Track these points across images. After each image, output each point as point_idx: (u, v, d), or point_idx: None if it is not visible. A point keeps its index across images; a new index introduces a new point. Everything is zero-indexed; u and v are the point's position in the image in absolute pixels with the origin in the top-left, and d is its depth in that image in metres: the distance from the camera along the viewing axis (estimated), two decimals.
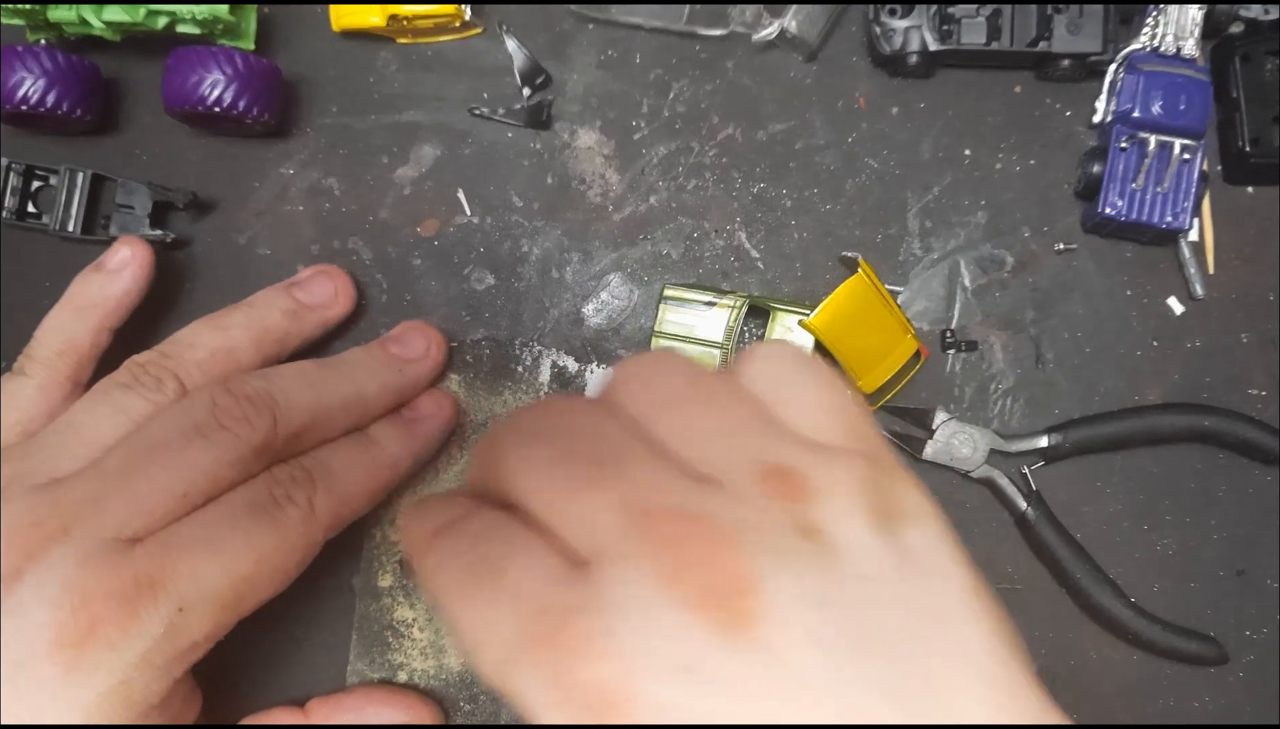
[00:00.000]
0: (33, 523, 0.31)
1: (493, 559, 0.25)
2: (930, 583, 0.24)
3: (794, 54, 0.45)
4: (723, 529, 0.23)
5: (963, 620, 0.23)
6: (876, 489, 0.24)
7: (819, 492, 0.24)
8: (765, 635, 0.22)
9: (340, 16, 0.43)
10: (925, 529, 0.24)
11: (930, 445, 0.43)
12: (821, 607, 0.22)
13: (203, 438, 0.33)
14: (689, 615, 0.22)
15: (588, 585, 0.23)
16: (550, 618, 0.23)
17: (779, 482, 0.24)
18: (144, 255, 0.39)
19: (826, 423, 0.26)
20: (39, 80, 0.40)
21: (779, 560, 0.22)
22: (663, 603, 0.22)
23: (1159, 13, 0.43)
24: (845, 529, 0.23)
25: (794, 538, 0.23)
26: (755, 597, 0.22)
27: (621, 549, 0.23)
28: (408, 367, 0.41)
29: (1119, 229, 0.44)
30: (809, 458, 0.25)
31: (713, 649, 0.22)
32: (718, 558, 0.22)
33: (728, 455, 0.25)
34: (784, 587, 0.22)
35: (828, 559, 0.23)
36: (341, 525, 0.37)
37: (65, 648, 0.30)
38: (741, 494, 0.24)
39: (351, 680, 0.42)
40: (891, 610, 0.23)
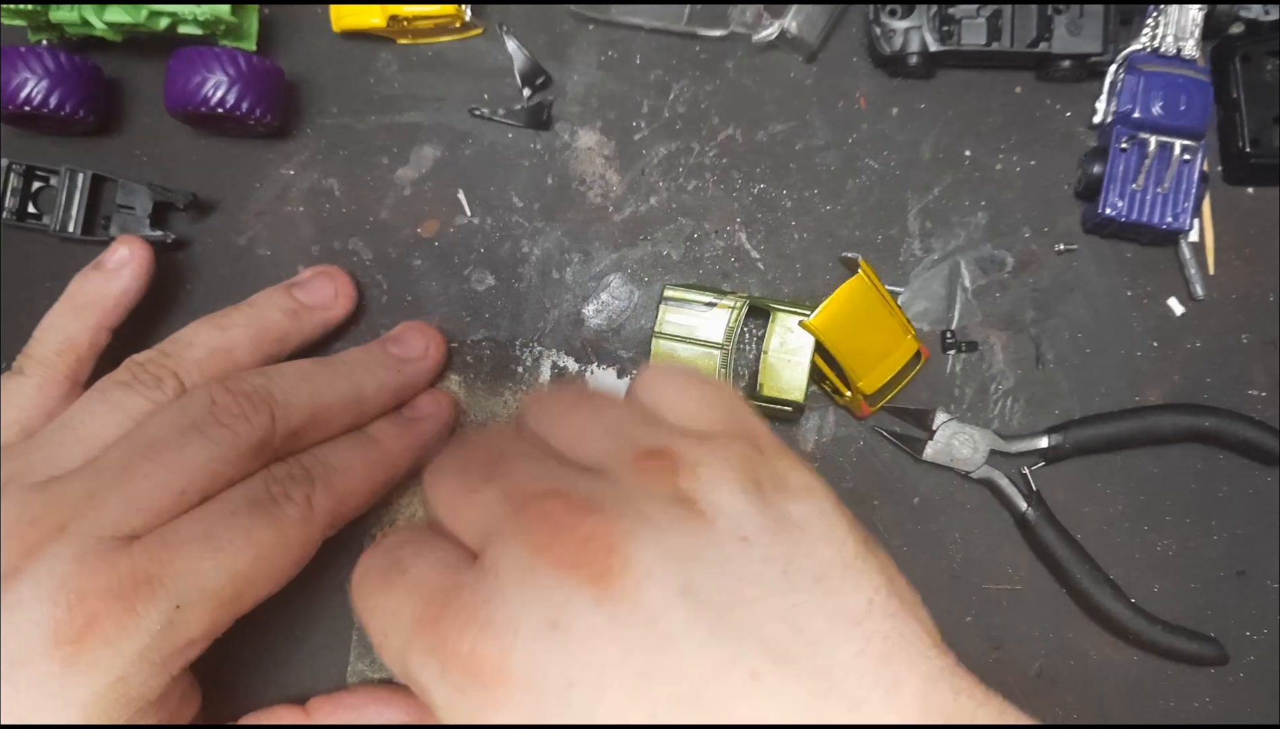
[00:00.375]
0: (31, 521, 0.31)
1: (400, 561, 0.27)
2: (809, 546, 0.24)
3: (794, 54, 0.45)
4: (592, 500, 0.24)
5: (842, 580, 0.24)
6: (753, 466, 0.26)
7: (694, 466, 0.25)
8: (630, 590, 0.23)
9: (341, 17, 0.43)
10: (808, 502, 0.26)
11: (930, 446, 0.43)
12: (689, 562, 0.23)
13: (201, 435, 0.33)
14: (556, 575, 0.23)
15: (476, 569, 0.25)
16: (440, 599, 0.25)
17: (652, 460, 0.25)
18: (143, 255, 0.39)
19: (706, 414, 0.28)
20: (41, 81, 0.40)
21: (646, 523, 0.24)
22: (533, 569, 0.24)
23: (1159, 13, 0.43)
24: (720, 496, 0.25)
25: (666, 505, 0.24)
26: (619, 554, 0.23)
27: (502, 529, 0.25)
28: (406, 366, 0.41)
29: (1119, 229, 0.44)
30: (684, 441, 0.26)
31: (579, 605, 0.23)
32: (584, 522, 0.24)
33: (607, 447, 0.27)
34: (649, 545, 0.23)
35: (699, 522, 0.24)
36: (340, 524, 0.37)
37: (63, 645, 0.30)
38: (616, 474, 0.25)
39: (352, 680, 0.42)
40: (766, 568, 0.24)
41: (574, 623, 0.23)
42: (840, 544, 0.25)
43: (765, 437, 0.28)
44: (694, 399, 0.28)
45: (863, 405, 0.43)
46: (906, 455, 0.44)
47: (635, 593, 0.23)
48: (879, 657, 0.23)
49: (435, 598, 0.25)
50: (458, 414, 0.43)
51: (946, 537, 0.44)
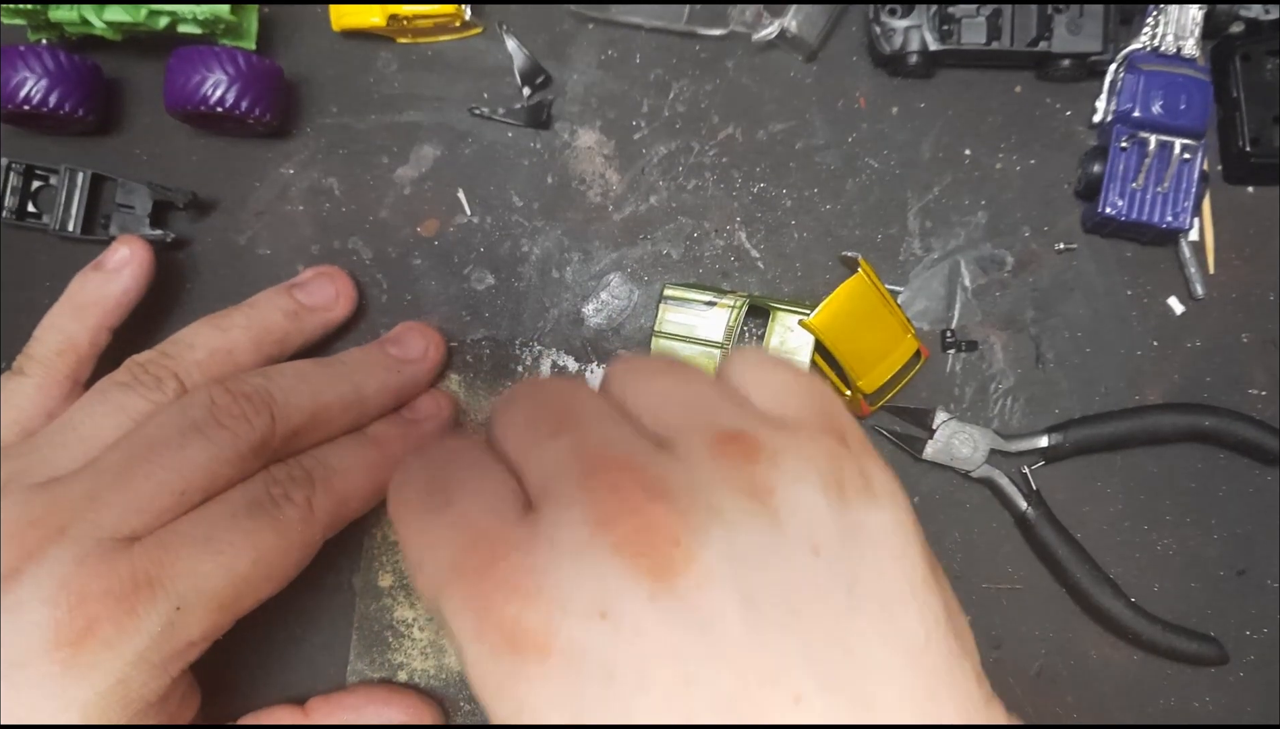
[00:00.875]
0: (31, 522, 0.31)
1: (447, 483, 0.25)
2: (879, 564, 0.23)
3: (794, 54, 0.45)
4: (663, 482, 0.23)
5: (905, 607, 0.23)
6: (838, 463, 0.24)
7: (774, 456, 0.24)
8: (689, 589, 0.22)
9: (340, 16, 0.43)
10: (885, 510, 0.24)
11: (930, 445, 0.43)
12: (753, 568, 0.22)
13: (201, 436, 0.33)
14: (615, 560, 0.22)
15: (527, 523, 0.24)
16: (485, 549, 0.23)
17: (731, 445, 0.24)
18: (143, 255, 0.39)
19: (795, 401, 0.26)
20: (40, 80, 0.40)
21: (714, 517, 0.23)
22: (592, 545, 0.22)
23: (1159, 12, 0.43)
24: (797, 494, 0.23)
25: (738, 497, 0.23)
26: (683, 549, 0.22)
27: (565, 491, 0.23)
28: (406, 367, 0.41)
29: (1119, 229, 0.44)
30: (767, 427, 0.25)
31: (633, 596, 0.22)
32: (651, 508, 0.22)
33: (686, 420, 0.25)
34: (715, 543, 0.22)
35: (770, 522, 0.23)
36: (340, 525, 0.37)
37: (63, 646, 0.30)
38: (691, 455, 0.24)
39: (351, 680, 0.42)
40: (831, 584, 0.23)
41: (625, 613, 0.22)
42: (911, 566, 0.24)
43: (853, 432, 0.26)
44: (783, 384, 0.27)
45: (863, 404, 0.43)
46: (906, 455, 0.44)
47: (693, 592, 0.22)
48: (926, 693, 0.22)
49: (482, 545, 0.24)
50: (458, 414, 0.43)
51: (946, 536, 0.44)
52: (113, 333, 0.39)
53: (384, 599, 0.43)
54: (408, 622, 0.43)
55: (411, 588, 0.43)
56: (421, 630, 0.43)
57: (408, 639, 0.43)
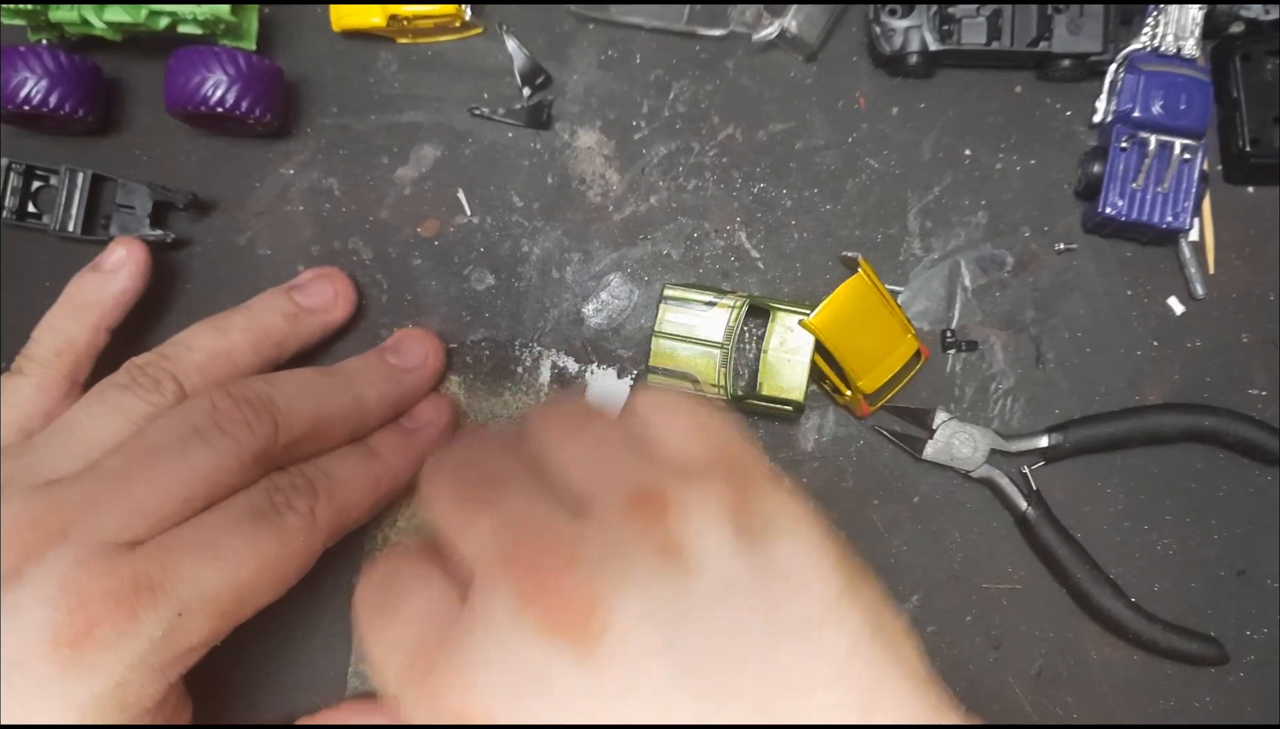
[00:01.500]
0: (31, 523, 0.31)
1: (395, 593, 0.28)
2: (795, 590, 0.25)
3: (794, 54, 0.45)
4: (579, 553, 0.25)
5: (823, 627, 0.24)
6: (741, 506, 0.26)
7: (682, 510, 0.25)
8: (611, 650, 0.23)
9: (341, 17, 0.43)
10: (792, 540, 0.25)
11: (930, 445, 0.43)
12: (671, 622, 0.24)
13: (203, 442, 0.33)
14: (540, 635, 0.24)
15: (466, 612, 0.26)
16: (430, 646, 0.26)
17: (644, 505, 0.25)
18: (140, 255, 0.39)
19: (697, 443, 0.28)
20: (41, 80, 0.40)
21: (629, 580, 0.24)
22: (518, 624, 0.24)
23: (1159, 13, 0.43)
24: (706, 545, 0.25)
25: (652, 558, 0.24)
26: (602, 612, 0.23)
27: (491, 573, 0.25)
28: (406, 376, 0.41)
29: (1119, 229, 0.44)
30: (674, 481, 0.26)
31: (560, 665, 0.23)
32: (568, 580, 0.24)
33: (602, 481, 0.27)
34: (630, 605, 0.24)
35: (684, 576, 0.24)
36: (341, 534, 0.37)
37: (62, 648, 0.30)
38: (607, 518, 0.25)
39: (352, 683, 0.42)
40: (750, 620, 0.24)
41: (555, 681, 0.23)
42: (825, 585, 0.25)
43: (755, 467, 0.28)
44: (688, 428, 0.28)
45: (863, 405, 0.43)
46: (906, 455, 0.44)
47: (615, 652, 0.23)
48: (859, 707, 0.23)
49: (426, 643, 0.26)
50: (457, 418, 0.43)
51: (946, 536, 0.44)
52: (111, 333, 0.39)
53: None
54: None
55: None
56: None
57: None
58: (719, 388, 0.42)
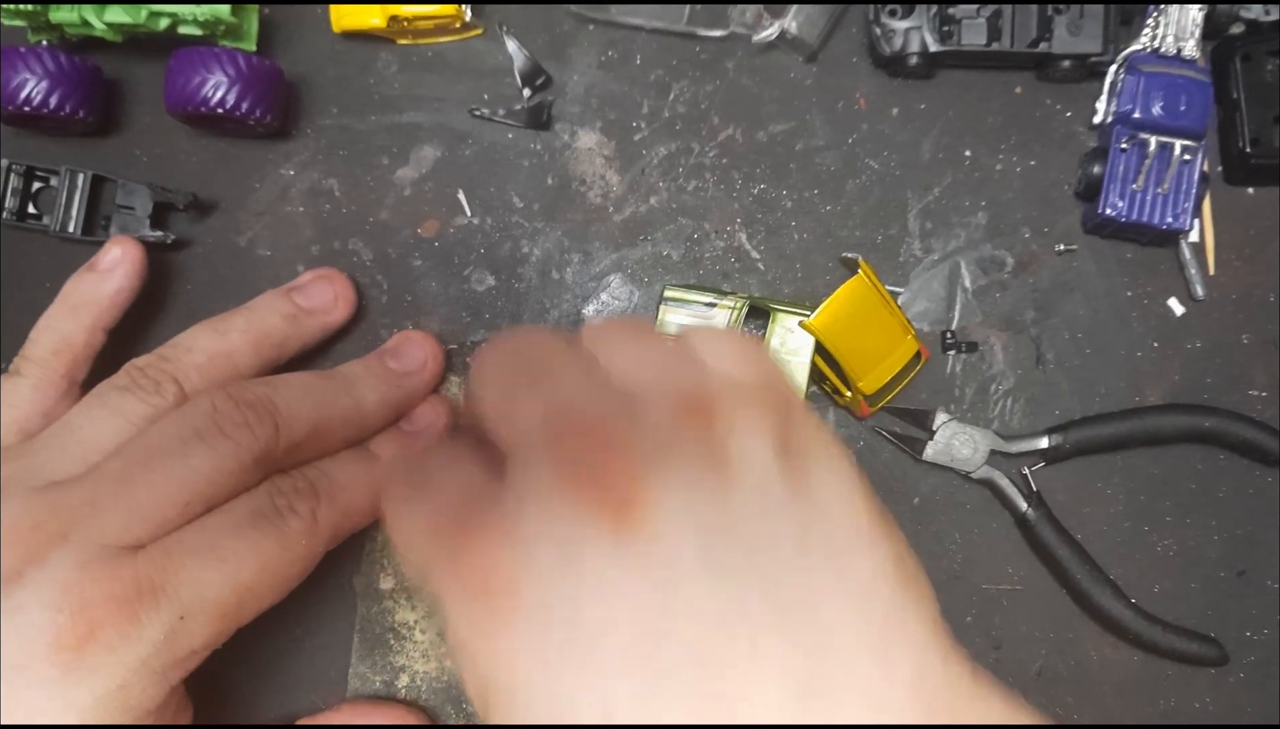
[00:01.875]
0: (32, 526, 0.31)
1: (424, 471, 0.27)
2: (826, 514, 0.25)
3: (794, 55, 0.45)
4: (627, 441, 0.24)
5: (855, 552, 0.24)
6: (785, 426, 0.26)
7: (730, 423, 0.25)
8: (649, 536, 0.23)
9: (341, 17, 0.43)
10: (830, 467, 0.26)
11: (931, 446, 0.43)
12: (710, 517, 0.24)
13: (204, 445, 0.33)
14: (579, 507, 0.23)
15: (499, 480, 0.25)
16: (461, 511, 0.25)
17: (694, 409, 0.25)
18: (135, 254, 0.39)
19: (745, 369, 0.28)
20: (41, 81, 0.40)
21: (675, 470, 0.24)
22: (557, 494, 0.24)
23: (1159, 13, 0.43)
24: (749, 458, 0.25)
25: (697, 460, 0.24)
26: (643, 498, 0.23)
27: (533, 441, 0.25)
28: (406, 380, 0.41)
29: (1119, 230, 0.44)
30: (724, 391, 0.26)
31: (595, 542, 0.23)
32: (615, 459, 0.24)
33: (654, 381, 0.26)
34: (674, 493, 0.23)
35: (725, 483, 0.24)
36: (342, 537, 0.37)
37: (64, 650, 0.30)
38: (656, 413, 0.25)
39: (353, 683, 0.42)
40: (783, 534, 0.24)
41: (589, 555, 0.23)
42: (855, 515, 0.25)
43: (796, 400, 0.28)
44: (737, 353, 0.28)
45: (863, 405, 0.43)
46: (907, 455, 0.44)
47: (653, 536, 0.23)
48: (879, 624, 0.23)
49: (457, 510, 0.25)
50: (456, 420, 0.43)
51: (946, 537, 0.44)
52: (108, 333, 0.39)
53: (385, 602, 0.43)
54: (409, 624, 0.43)
55: (413, 590, 0.43)
56: (423, 633, 0.43)
57: (409, 642, 0.43)
58: None
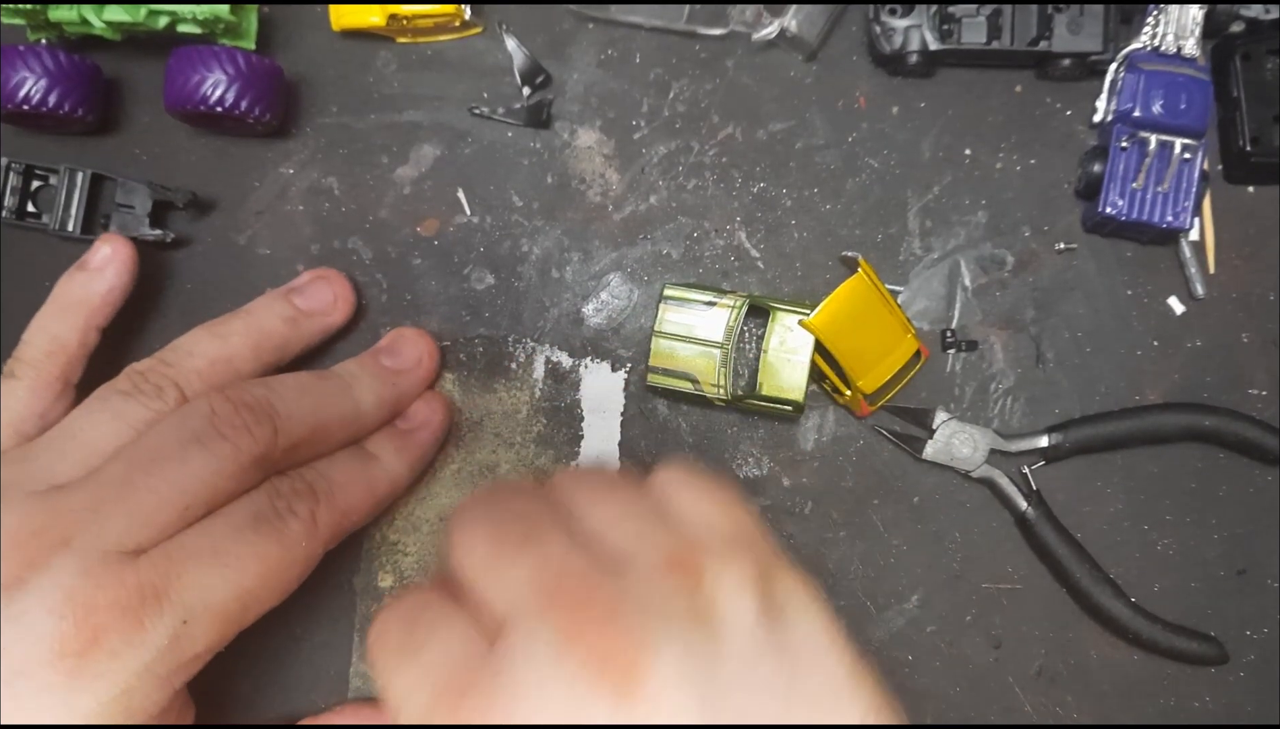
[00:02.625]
0: (33, 532, 0.31)
1: (417, 636, 0.28)
2: (808, 670, 0.26)
3: (794, 53, 0.45)
4: (623, 602, 0.25)
5: (838, 698, 0.26)
6: (764, 581, 0.27)
7: (714, 580, 0.26)
8: (650, 699, 0.24)
9: (340, 16, 0.43)
10: (806, 620, 0.27)
11: (930, 445, 0.43)
12: (705, 680, 0.25)
13: (202, 448, 0.33)
14: (582, 677, 0.24)
15: (498, 651, 0.25)
16: (456, 686, 0.25)
17: (679, 568, 0.27)
18: (125, 252, 0.39)
19: (721, 520, 0.29)
20: (40, 80, 0.40)
21: (670, 634, 0.25)
22: (559, 664, 0.24)
23: (1159, 12, 0.43)
24: (736, 613, 0.26)
25: (688, 618, 0.25)
26: (645, 664, 0.24)
27: (529, 612, 0.25)
28: (401, 379, 0.41)
29: (1119, 228, 0.44)
30: (706, 551, 0.27)
31: (601, 711, 0.24)
32: (614, 626, 0.25)
33: (639, 542, 0.27)
34: (672, 658, 0.24)
35: (716, 638, 0.25)
36: (340, 539, 0.37)
37: (68, 656, 0.30)
38: (645, 576, 0.26)
39: (354, 683, 0.42)
40: (773, 686, 0.25)
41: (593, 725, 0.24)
42: (835, 665, 0.27)
43: (769, 549, 0.29)
44: (708, 506, 0.29)
45: (863, 405, 0.43)
46: (906, 455, 0.44)
47: (653, 702, 0.24)
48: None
49: (453, 682, 0.26)
50: (451, 416, 0.43)
51: (946, 536, 0.44)
52: (101, 332, 0.39)
53: (385, 600, 0.43)
54: None
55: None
56: None
57: None
58: (718, 388, 0.42)
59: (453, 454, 0.43)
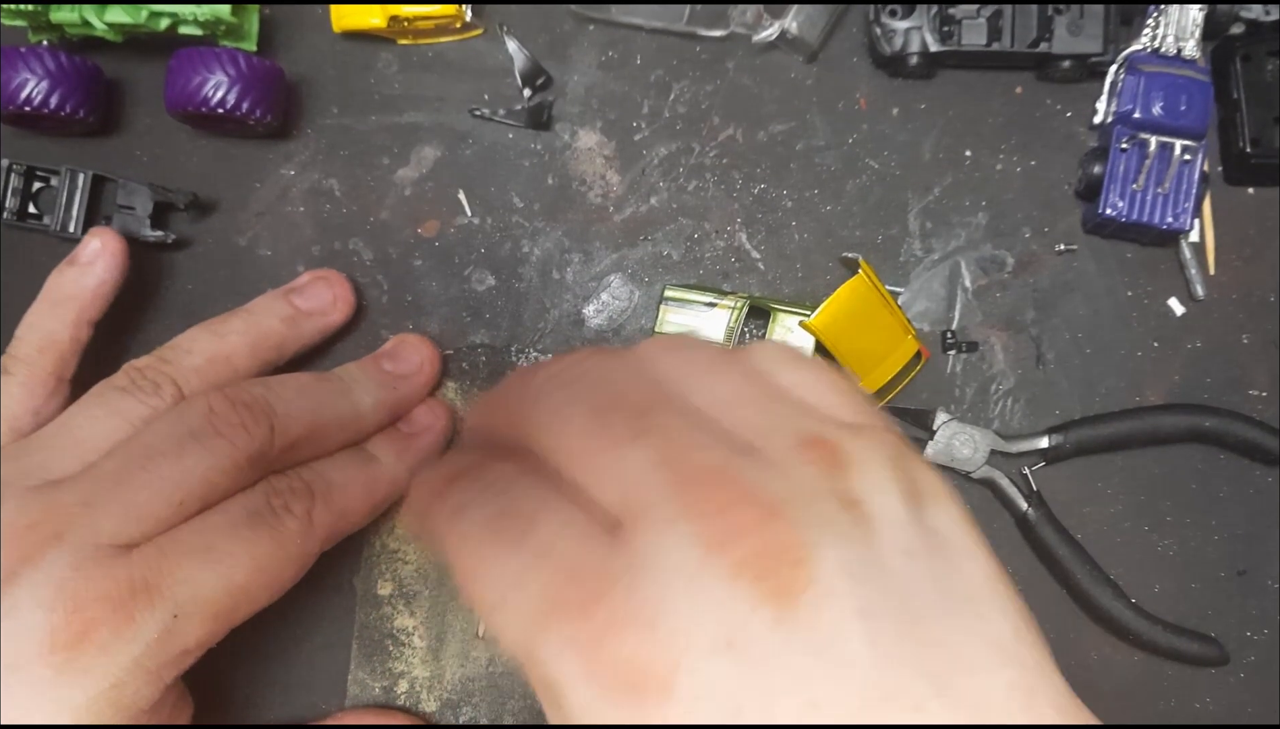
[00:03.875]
0: (28, 525, 0.31)
1: (520, 512, 0.23)
2: (960, 564, 0.23)
3: (794, 55, 0.45)
4: (769, 496, 0.22)
5: (990, 603, 0.23)
6: (905, 468, 0.24)
7: (855, 464, 0.23)
8: (812, 609, 0.21)
9: (341, 17, 0.43)
10: (949, 511, 0.24)
11: (931, 446, 0.43)
12: (865, 580, 0.21)
13: (199, 445, 0.33)
14: (736, 586, 0.21)
15: (626, 550, 0.21)
16: (585, 583, 0.21)
17: (818, 451, 0.23)
18: (115, 246, 0.39)
19: (840, 404, 0.25)
20: (41, 81, 0.40)
21: (825, 531, 0.21)
22: (708, 571, 0.21)
23: (1160, 13, 0.43)
24: (882, 503, 0.23)
25: (837, 508, 0.22)
26: (804, 567, 0.21)
27: (664, 511, 0.21)
28: (402, 383, 0.41)
29: (1120, 230, 0.44)
30: (842, 431, 0.24)
31: (760, 623, 0.20)
32: (767, 526, 0.21)
33: (765, 422, 0.24)
34: (830, 558, 0.21)
35: (867, 532, 0.22)
36: (336, 540, 0.37)
37: (58, 650, 0.29)
38: (783, 462, 0.23)
39: (352, 689, 0.42)
40: (926, 588, 0.22)
41: (751, 643, 0.20)
42: (984, 562, 0.23)
43: (905, 440, 0.26)
44: (827, 385, 0.26)
45: None
46: None
47: (815, 613, 0.21)
48: (1026, 689, 0.22)
49: (578, 579, 0.21)
50: (454, 423, 0.43)
51: None
52: (94, 326, 0.39)
53: (384, 608, 0.43)
54: (408, 630, 0.43)
55: (410, 596, 0.43)
56: (421, 638, 0.43)
57: (408, 647, 0.43)
58: None
59: None
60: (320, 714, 0.42)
